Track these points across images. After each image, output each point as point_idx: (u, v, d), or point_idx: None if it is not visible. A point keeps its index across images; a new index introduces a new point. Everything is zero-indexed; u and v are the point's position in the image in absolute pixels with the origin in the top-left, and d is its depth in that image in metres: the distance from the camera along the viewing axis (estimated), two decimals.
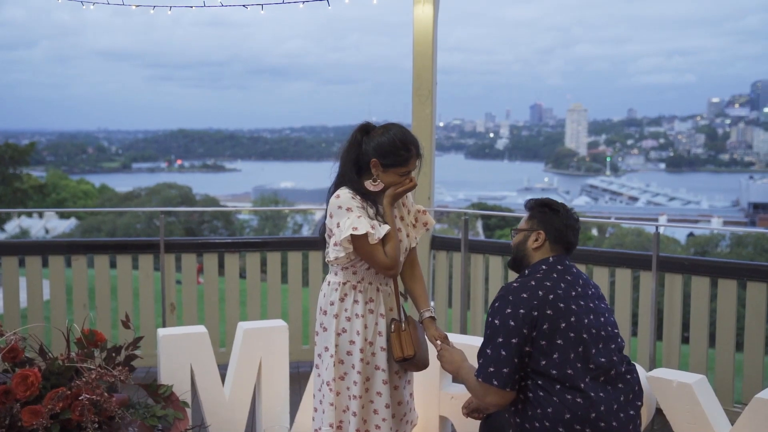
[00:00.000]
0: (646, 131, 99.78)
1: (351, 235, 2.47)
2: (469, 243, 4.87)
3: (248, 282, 5.08)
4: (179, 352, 3.36)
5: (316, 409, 2.76)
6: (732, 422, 2.79)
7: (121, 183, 55.02)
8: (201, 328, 3.48)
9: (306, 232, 41.32)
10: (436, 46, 4.76)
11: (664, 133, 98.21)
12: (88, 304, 4.96)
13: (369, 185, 2.59)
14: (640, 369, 3.04)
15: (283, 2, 3.64)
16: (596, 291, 2.45)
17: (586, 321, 2.30)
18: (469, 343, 3.33)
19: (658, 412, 2.98)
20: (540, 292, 2.28)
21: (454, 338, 3.05)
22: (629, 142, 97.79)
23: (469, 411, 2.62)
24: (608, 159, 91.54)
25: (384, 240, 2.53)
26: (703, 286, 4.05)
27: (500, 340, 2.25)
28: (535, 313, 2.24)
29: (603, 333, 2.34)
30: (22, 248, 5.11)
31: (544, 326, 2.24)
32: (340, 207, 2.54)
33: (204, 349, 3.42)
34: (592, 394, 2.24)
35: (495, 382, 2.25)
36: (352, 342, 2.61)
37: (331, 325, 2.63)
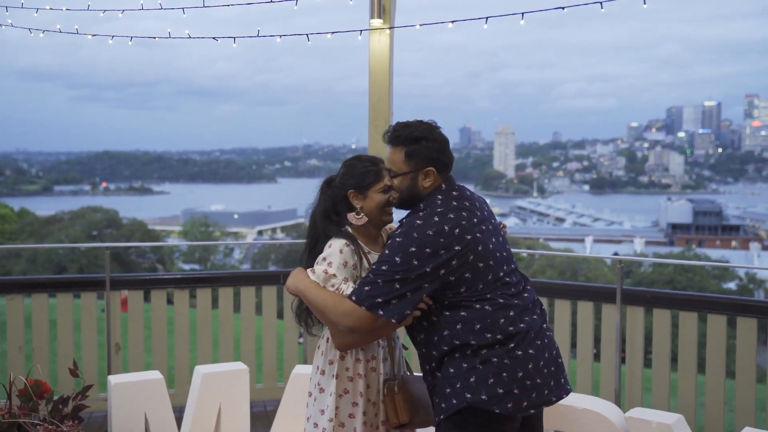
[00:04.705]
0: (570, 154, 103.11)
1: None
2: None
3: (199, 319, 4.84)
4: (133, 400, 3.15)
5: None
6: None
7: (42, 206, 52.80)
8: (156, 374, 3.27)
9: (237, 255, 40.44)
10: (392, 77, 4.71)
11: (587, 156, 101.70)
12: (25, 340, 4.61)
13: (352, 218, 2.45)
14: (616, 408, 3.02)
15: (258, 36, 3.50)
16: (487, 208, 2.40)
17: (491, 246, 2.25)
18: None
19: None
20: (446, 228, 2.18)
21: None
22: (555, 164, 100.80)
23: None
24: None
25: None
26: (665, 319, 4.09)
27: (398, 276, 2.15)
28: (442, 252, 2.15)
29: (505, 254, 2.31)
30: None
31: (453, 263, 2.16)
32: (324, 258, 2.39)
33: (159, 396, 3.22)
34: (501, 300, 2.21)
35: (381, 312, 2.16)
36: (355, 404, 2.44)
37: (329, 385, 2.45)
